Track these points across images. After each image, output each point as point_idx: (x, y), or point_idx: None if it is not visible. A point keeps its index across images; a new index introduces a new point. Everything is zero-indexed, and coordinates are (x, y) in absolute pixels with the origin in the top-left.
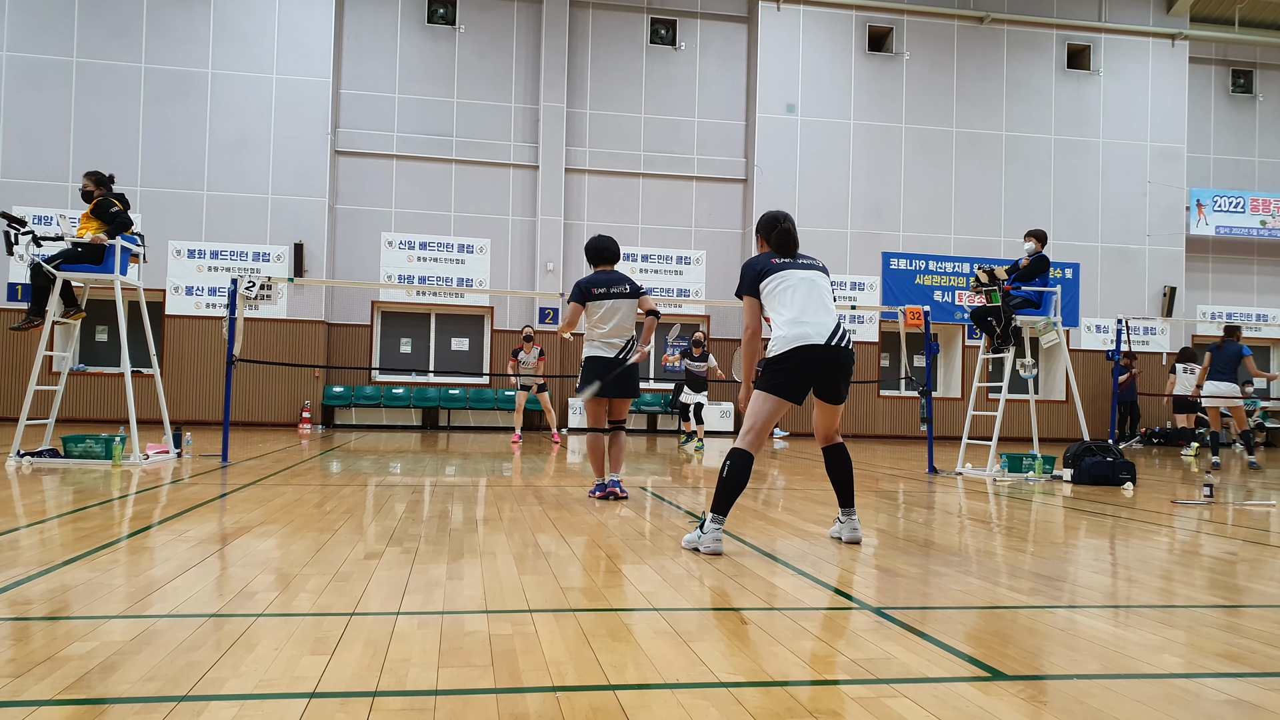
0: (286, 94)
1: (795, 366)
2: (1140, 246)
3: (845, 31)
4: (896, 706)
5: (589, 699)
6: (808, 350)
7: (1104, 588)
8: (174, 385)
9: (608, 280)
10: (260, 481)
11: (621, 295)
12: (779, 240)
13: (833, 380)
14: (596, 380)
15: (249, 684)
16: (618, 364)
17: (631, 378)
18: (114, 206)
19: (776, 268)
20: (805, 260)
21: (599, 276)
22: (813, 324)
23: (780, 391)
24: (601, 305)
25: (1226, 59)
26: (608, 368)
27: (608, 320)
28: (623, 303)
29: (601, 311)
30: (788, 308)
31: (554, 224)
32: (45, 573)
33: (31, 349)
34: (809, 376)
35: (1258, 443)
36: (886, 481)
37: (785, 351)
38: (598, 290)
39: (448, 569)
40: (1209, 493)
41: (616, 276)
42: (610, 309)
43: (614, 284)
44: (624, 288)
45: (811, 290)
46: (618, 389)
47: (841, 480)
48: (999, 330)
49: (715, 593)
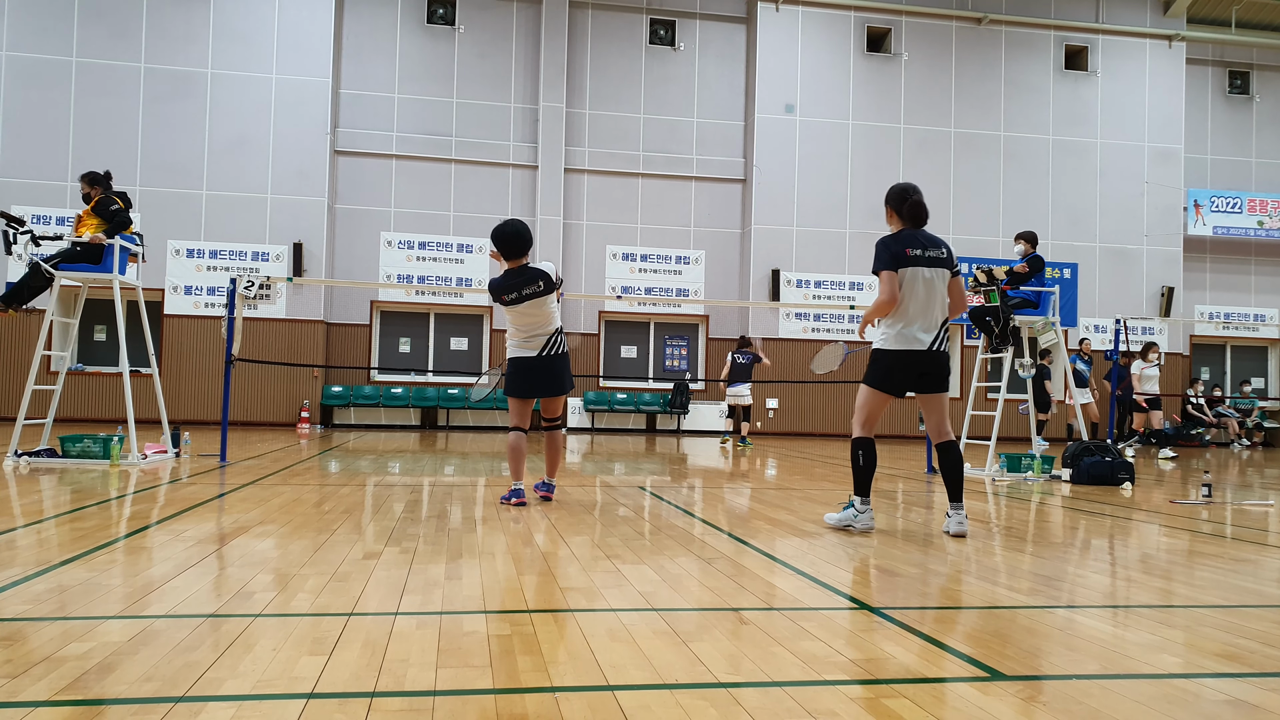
0: (286, 94)
1: (899, 365)
2: (1138, 247)
3: (844, 32)
4: (895, 706)
5: (588, 699)
6: (911, 355)
7: (1103, 588)
8: (172, 385)
9: (517, 282)
10: (259, 481)
11: (534, 296)
12: (911, 213)
13: (929, 380)
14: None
15: (247, 684)
16: (541, 362)
17: (556, 373)
18: (114, 204)
19: (908, 260)
20: (933, 253)
21: (508, 279)
22: (921, 334)
23: (883, 386)
24: (512, 311)
25: (1223, 60)
26: (530, 369)
27: (521, 324)
28: (535, 304)
29: (513, 315)
30: (905, 310)
31: (553, 224)
32: (43, 573)
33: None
34: (909, 376)
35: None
36: (885, 481)
37: (893, 350)
38: (507, 297)
39: (446, 569)
40: (1207, 493)
41: (528, 275)
42: (521, 314)
43: (524, 285)
44: (536, 287)
45: (931, 297)
46: (542, 387)
47: (953, 477)
48: (997, 330)
49: (714, 593)
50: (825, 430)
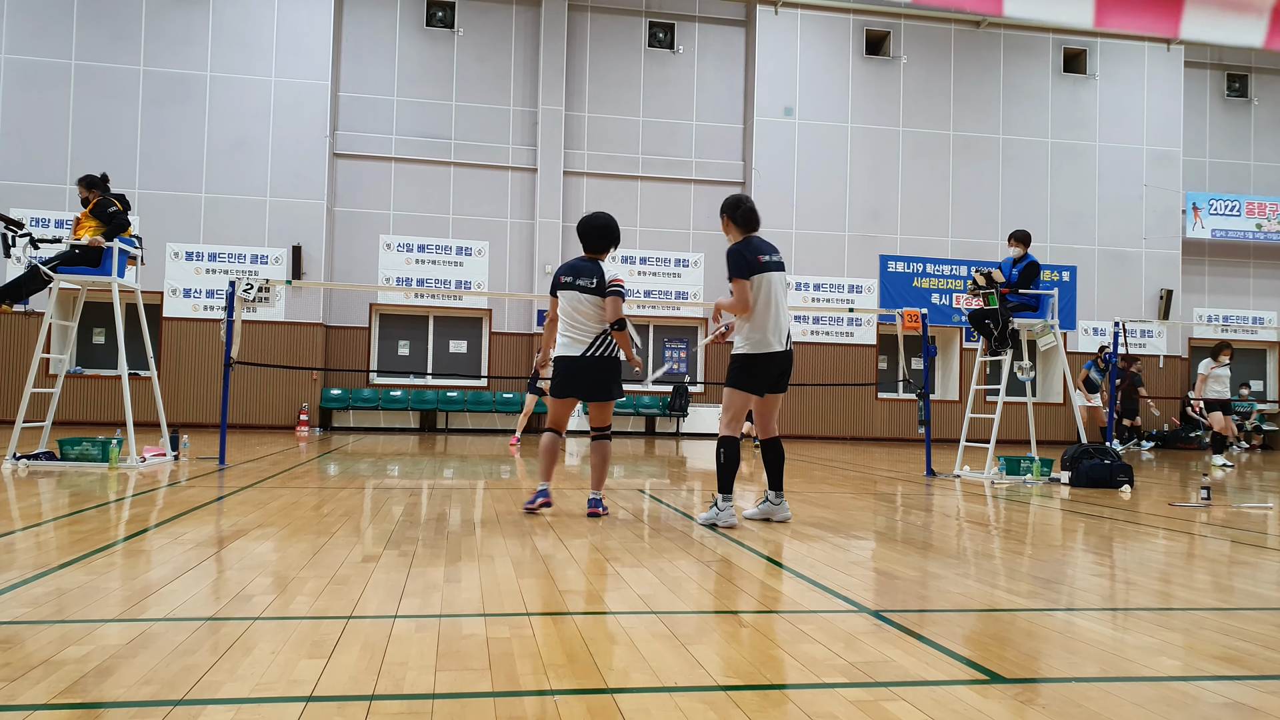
0: (285, 97)
1: (762, 367)
2: (1137, 249)
3: (843, 35)
4: (894, 709)
5: (586, 702)
6: (773, 357)
7: (1102, 590)
8: (171, 388)
9: (575, 269)
10: (258, 484)
11: (586, 290)
12: (745, 219)
13: (784, 380)
14: (559, 380)
15: (246, 687)
16: (585, 363)
17: (600, 376)
18: (112, 206)
19: (761, 266)
20: (777, 258)
21: (575, 262)
22: (776, 336)
23: (750, 388)
24: (563, 296)
25: (1222, 63)
26: (572, 368)
27: (566, 313)
28: (586, 298)
29: (563, 303)
30: (762, 316)
31: (552, 226)
32: (41, 576)
33: (28, 351)
34: (770, 377)
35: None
36: (884, 484)
37: (756, 354)
38: (564, 278)
39: (445, 572)
40: (1206, 495)
41: (589, 268)
42: (568, 300)
43: (581, 274)
44: (589, 281)
45: (782, 300)
46: (582, 389)
47: (777, 467)
48: (996, 333)
49: (713, 596)
50: (824, 434)
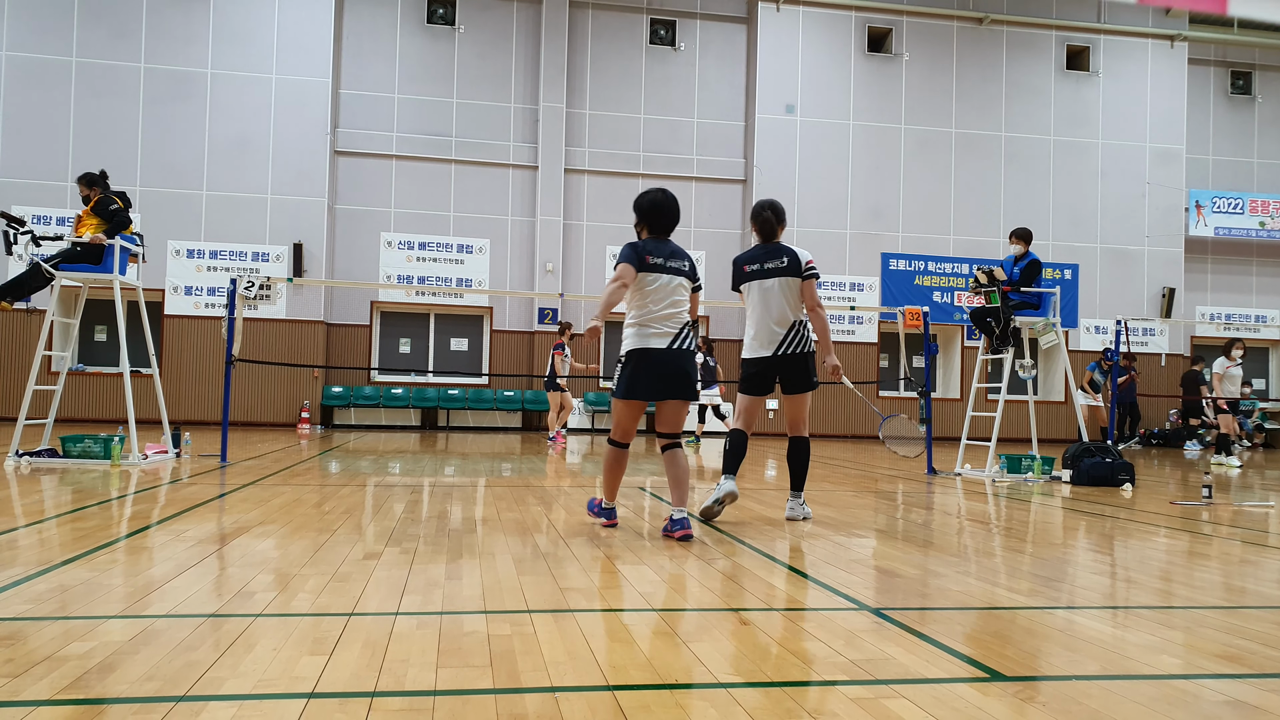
0: (286, 94)
1: (753, 369)
2: (1139, 247)
3: (845, 32)
4: (895, 707)
5: (588, 699)
6: (755, 360)
7: (1103, 588)
8: (173, 385)
9: (669, 250)
10: (259, 481)
11: (679, 273)
12: (760, 228)
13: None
14: (621, 380)
15: (248, 684)
16: (674, 356)
17: (689, 372)
18: (113, 204)
19: (746, 276)
20: (770, 265)
21: (657, 243)
22: (765, 341)
23: (744, 389)
24: (656, 279)
25: (1225, 60)
26: (662, 363)
27: (659, 301)
28: (679, 281)
29: (655, 286)
30: (749, 323)
31: (553, 224)
32: (44, 572)
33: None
34: (765, 380)
35: None
36: (885, 482)
37: (745, 359)
38: (652, 259)
39: (446, 569)
40: (1208, 494)
41: (676, 250)
42: (662, 286)
43: (676, 256)
44: (683, 264)
45: (772, 307)
46: (675, 387)
47: (790, 468)
48: (998, 331)
49: (714, 593)
50: (825, 432)
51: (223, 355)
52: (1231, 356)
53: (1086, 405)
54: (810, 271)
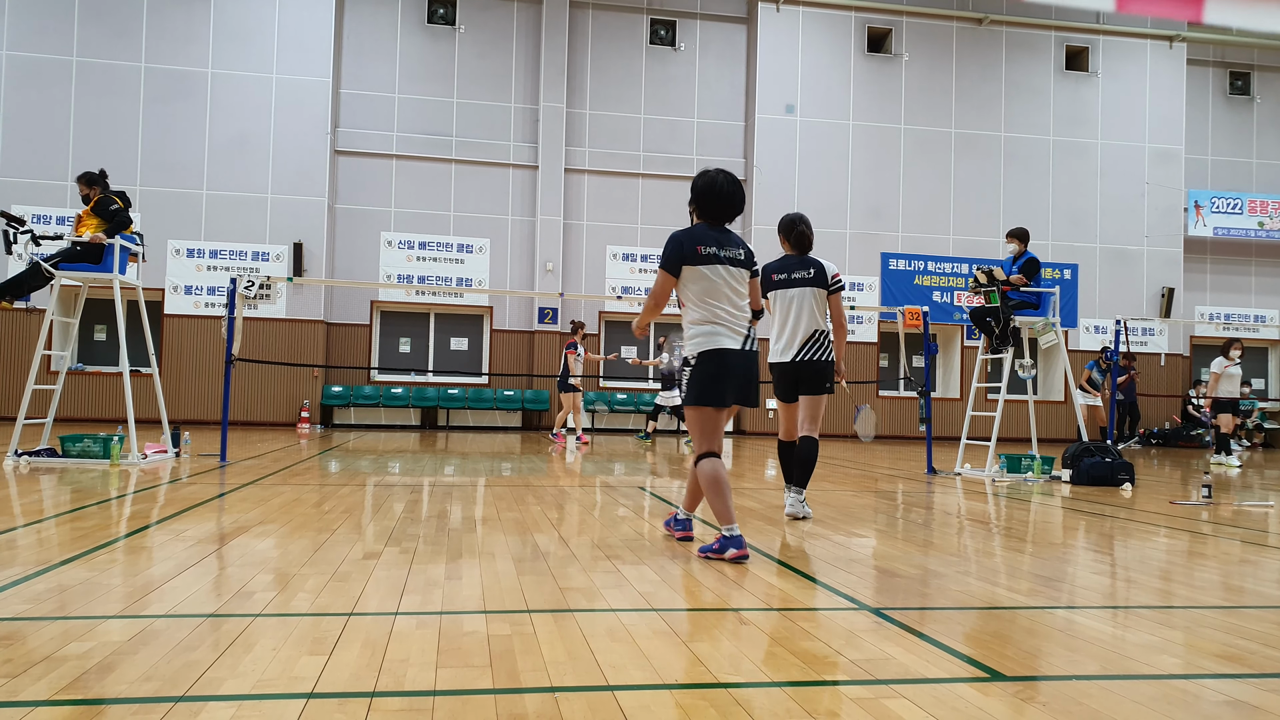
0: (286, 93)
1: (776, 373)
2: (1138, 247)
3: (844, 32)
4: (895, 707)
5: (587, 699)
6: (773, 366)
7: (1102, 588)
8: (173, 385)
9: (719, 238)
10: (259, 481)
11: (736, 261)
12: (796, 240)
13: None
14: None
15: (247, 684)
16: (749, 359)
17: (757, 380)
18: (114, 204)
19: (774, 285)
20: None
21: (711, 231)
22: (784, 347)
23: (776, 393)
24: (715, 271)
25: (1224, 61)
26: (739, 364)
27: (721, 298)
28: (737, 271)
29: (715, 280)
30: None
31: (553, 224)
32: (43, 572)
33: (30, 348)
34: (786, 384)
35: None
36: (885, 482)
37: (769, 363)
38: (704, 249)
39: (446, 569)
40: (1207, 493)
41: (733, 238)
42: (725, 281)
43: (728, 243)
44: (737, 252)
45: (791, 315)
46: (750, 392)
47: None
48: (998, 331)
49: (714, 593)
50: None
51: (222, 355)
52: (1230, 356)
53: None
54: (837, 284)
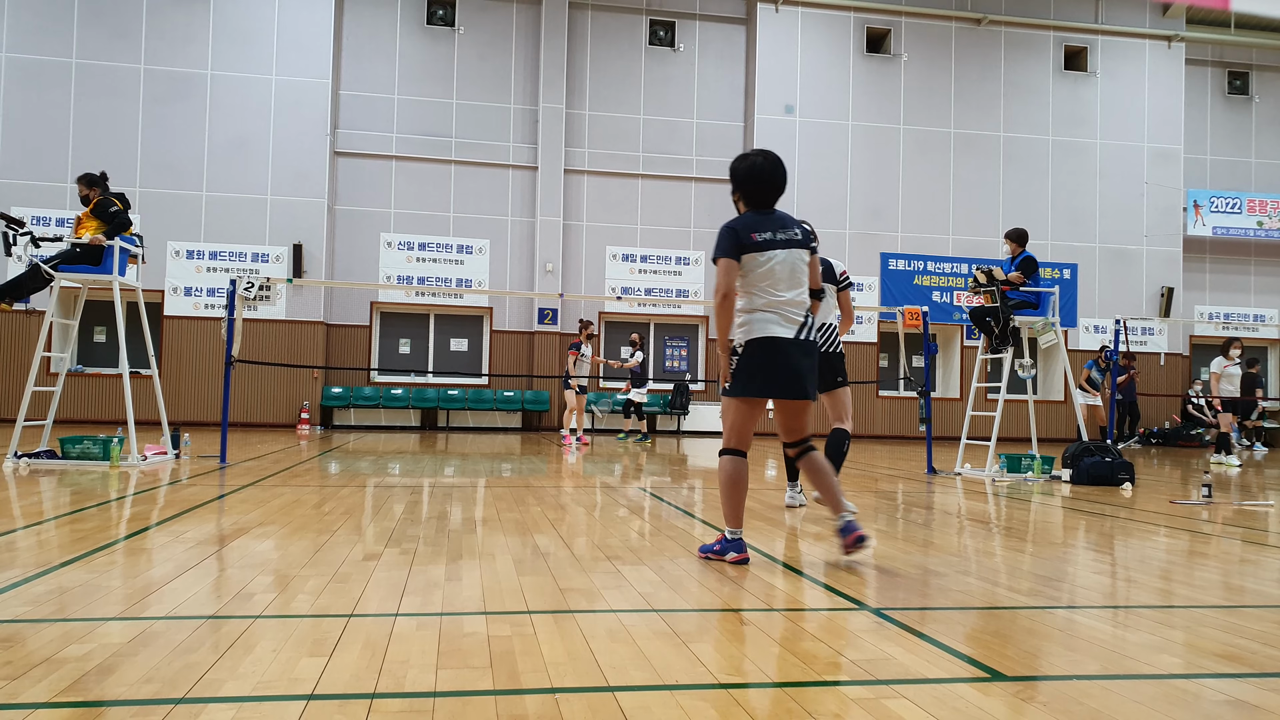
0: (286, 95)
1: None
2: (1138, 247)
3: (844, 33)
4: (895, 707)
5: (588, 700)
6: None
7: (1103, 588)
8: (172, 386)
9: (771, 222)
10: (259, 482)
11: (797, 245)
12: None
13: None
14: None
15: (247, 686)
16: (805, 348)
17: (813, 371)
18: (113, 206)
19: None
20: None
21: (760, 218)
22: None
23: None
24: (770, 257)
25: (1223, 60)
26: (793, 353)
27: (778, 279)
28: (796, 254)
29: (768, 266)
30: None
31: (553, 224)
32: (43, 574)
33: (30, 350)
34: None
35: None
36: (885, 482)
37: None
38: (759, 235)
39: (446, 570)
40: (1207, 493)
41: (785, 220)
42: (782, 265)
43: (781, 227)
44: (794, 233)
45: None
46: (808, 383)
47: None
48: (997, 330)
49: (714, 594)
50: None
51: (222, 356)
52: (1230, 356)
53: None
54: (845, 282)
